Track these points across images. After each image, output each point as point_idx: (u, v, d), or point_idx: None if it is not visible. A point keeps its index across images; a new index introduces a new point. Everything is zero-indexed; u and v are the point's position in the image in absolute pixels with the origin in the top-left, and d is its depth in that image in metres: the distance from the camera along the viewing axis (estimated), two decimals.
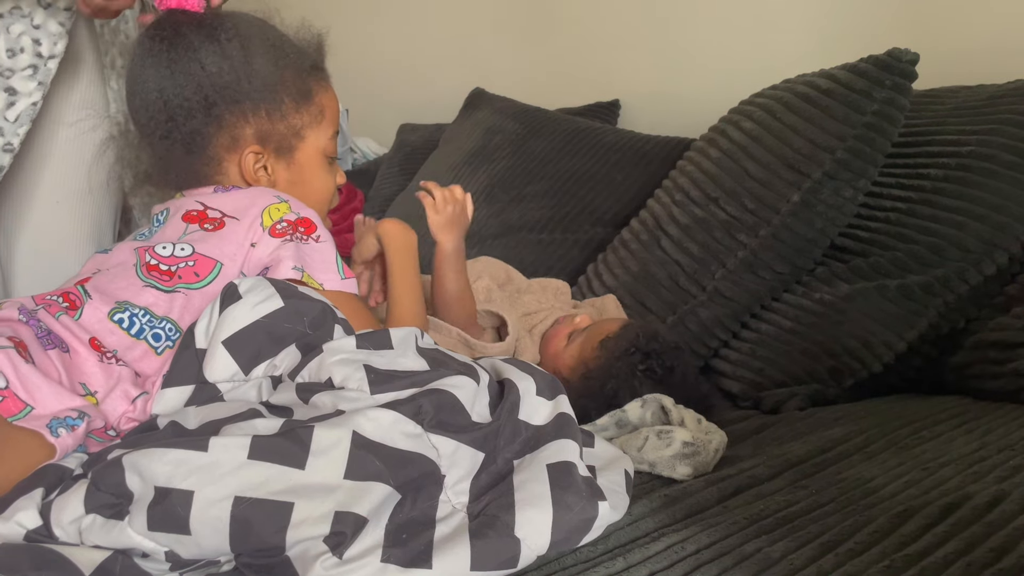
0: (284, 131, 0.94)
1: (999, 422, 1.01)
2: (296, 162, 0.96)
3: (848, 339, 1.24)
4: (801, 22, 1.71)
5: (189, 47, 0.90)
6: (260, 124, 0.93)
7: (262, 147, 0.94)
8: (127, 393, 0.79)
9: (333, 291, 0.88)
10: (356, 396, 0.70)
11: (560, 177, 1.72)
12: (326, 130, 0.98)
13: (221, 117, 0.92)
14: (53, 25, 1.03)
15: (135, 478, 0.64)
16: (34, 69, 1.03)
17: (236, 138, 0.93)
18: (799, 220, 1.30)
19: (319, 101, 0.97)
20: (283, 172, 0.96)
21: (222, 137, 0.93)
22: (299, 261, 0.87)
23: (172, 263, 0.85)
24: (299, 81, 0.95)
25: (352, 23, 2.50)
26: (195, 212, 0.89)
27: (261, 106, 0.93)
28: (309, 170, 0.97)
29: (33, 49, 1.03)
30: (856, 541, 0.69)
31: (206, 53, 0.90)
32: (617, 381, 1.09)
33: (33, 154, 1.13)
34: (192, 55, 0.90)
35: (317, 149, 0.97)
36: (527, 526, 0.66)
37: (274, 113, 0.93)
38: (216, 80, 0.91)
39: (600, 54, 2.03)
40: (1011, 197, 1.22)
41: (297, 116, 0.95)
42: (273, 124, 0.94)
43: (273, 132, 0.94)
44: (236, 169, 0.94)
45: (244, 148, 0.93)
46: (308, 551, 0.62)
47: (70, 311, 0.82)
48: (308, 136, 0.96)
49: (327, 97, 0.98)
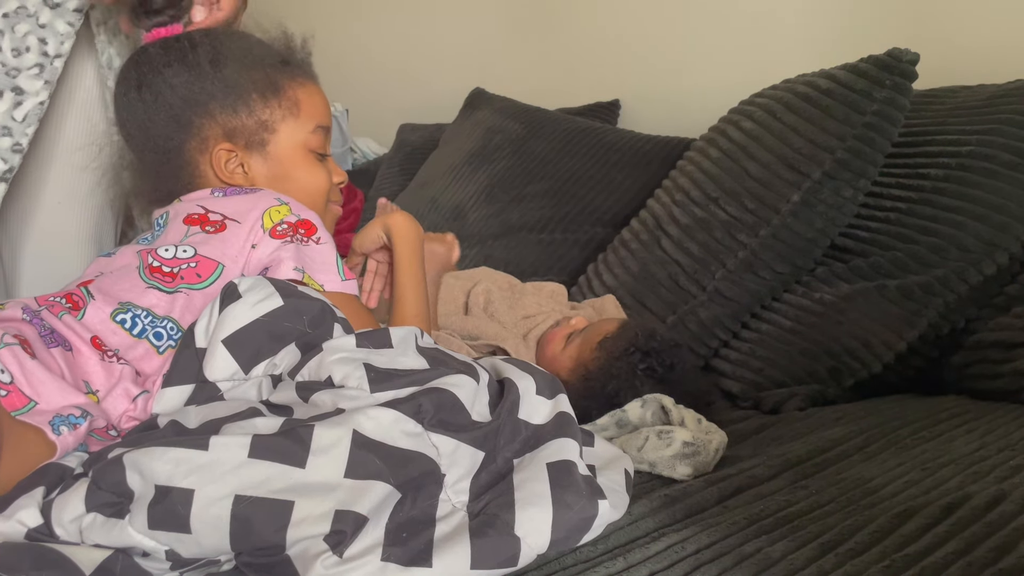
0: (252, 125, 0.94)
1: (999, 422, 1.01)
2: (273, 157, 0.96)
3: (848, 339, 1.24)
4: (801, 22, 1.71)
5: (156, 70, 0.93)
6: (227, 121, 0.94)
7: (232, 144, 0.94)
8: (128, 392, 0.79)
9: (333, 292, 0.88)
10: (356, 394, 0.70)
11: (560, 177, 1.72)
12: (304, 124, 0.97)
13: (190, 123, 0.93)
14: (61, 25, 1.04)
15: (136, 477, 0.64)
16: (40, 68, 1.03)
17: (205, 139, 0.94)
18: (799, 220, 1.30)
19: (292, 95, 0.96)
20: (260, 168, 0.96)
21: (192, 140, 0.94)
22: (299, 262, 0.87)
23: (174, 264, 0.85)
24: (265, 76, 0.95)
25: (352, 23, 2.50)
26: (196, 215, 0.89)
27: (227, 104, 0.93)
28: (290, 164, 0.96)
29: (39, 48, 1.03)
30: (856, 541, 0.69)
31: (172, 72, 0.93)
32: (618, 381, 1.09)
33: (38, 155, 1.14)
34: (160, 77, 0.93)
35: (295, 143, 0.96)
36: (527, 525, 0.66)
37: (240, 109, 0.94)
38: (184, 93, 0.92)
39: (600, 54, 2.03)
40: (1011, 197, 1.22)
41: (265, 110, 0.95)
42: (240, 119, 0.94)
43: (241, 127, 0.94)
44: (211, 170, 0.95)
45: (213, 146, 0.94)
46: (308, 550, 0.62)
47: (73, 311, 0.82)
48: (280, 129, 0.95)
49: (304, 92, 0.97)
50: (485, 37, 2.25)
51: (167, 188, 0.96)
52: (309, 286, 0.86)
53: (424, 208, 1.85)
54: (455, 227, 1.76)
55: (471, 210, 1.77)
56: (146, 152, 0.96)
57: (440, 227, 1.79)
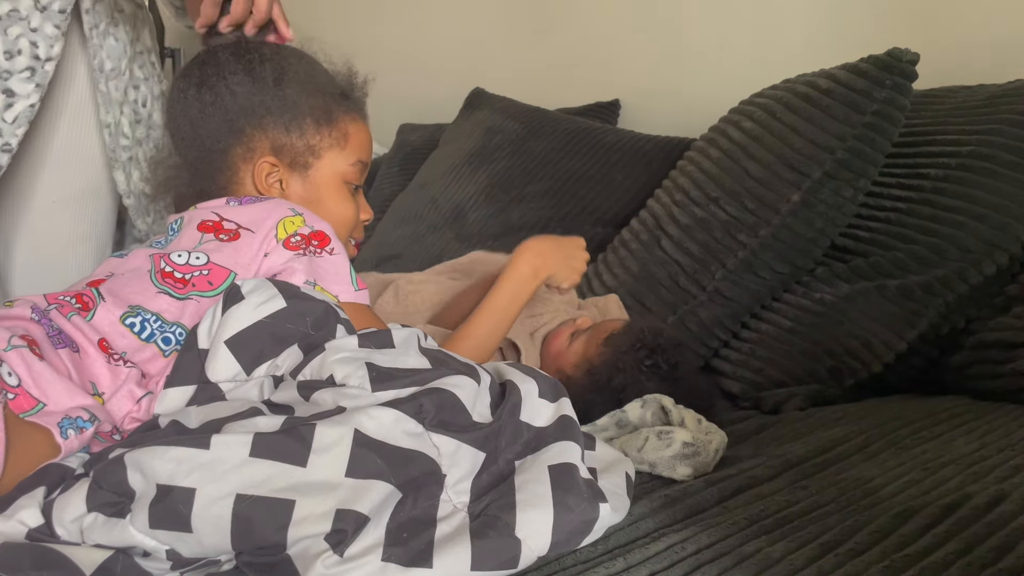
0: (301, 147, 0.96)
1: (999, 422, 1.01)
2: (311, 180, 0.98)
3: (848, 339, 1.24)
4: (801, 22, 1.71)
5: (220, 74, 0.95)
6: (277, 137, 0.96)
7: (277, 159, 0.96)
8: (132, 393, 0.79)
9: (347, 303, 0.89)
10: (357, 393, 0.70)
11: (560, 177, 1.72)
12: (348, 156, 0.99)
13: (242, 131, 0.95)
14: (49, 28, 1.05)
15: (137, 476, 0.64)
16: (31, 71, 1.04)
17: (252, 148, 0.96)
18: (799, 220, 1.30)
19: (343, 127, 0.99)
20: (298, 188, 0.97)
21: (239, 147, 0.96)
22: (312, 275, 0.88)
23: (186, 271, 0.86)
24: (323, 103, 0.97)
25: (352, 23, 2.50)
26: (210, 223, 0.90)
27: (280, 121, 0.95)
28: (325, 191, 0.98)
29: (31, 51, 1.04)
30: (856, 541, 0.69)
31: (236, 80, 0.95)
32: (624, 375, 1.09)
33: (30, 156, 1.14)
34: (223, 82, 0.95)
35: (335, 172, 0.99)
36: (528, 527, 0.66)
37: (293, 129, 0.96)
38: (243, 102, 0.95)
39: (600, 54, 2.03)
40: (1011, 197, 1.22)
41: (316, 136, 0.97)
42: (291, 138, 0.96)
43: (289, 146, 0.96)
44: (250, 179, 0.96)
45: (259, 157, 0.96)
46: (309, 549, 0.62)
47: (83, 312, 0.82)
48: (325, 156, 0.98)
49: (355, 127, 1.00)
50: (485, 37, 2.25)
51: (200, 185, 0.98)
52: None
53: (424, 208, 1.85)
54: (455, 227, 1.76)
55: (471, 210, 1.77)
56: (191, 148, 0.97)
57: (440, 227, 1.79)
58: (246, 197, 0.94)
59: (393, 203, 1.99)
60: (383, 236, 1.89)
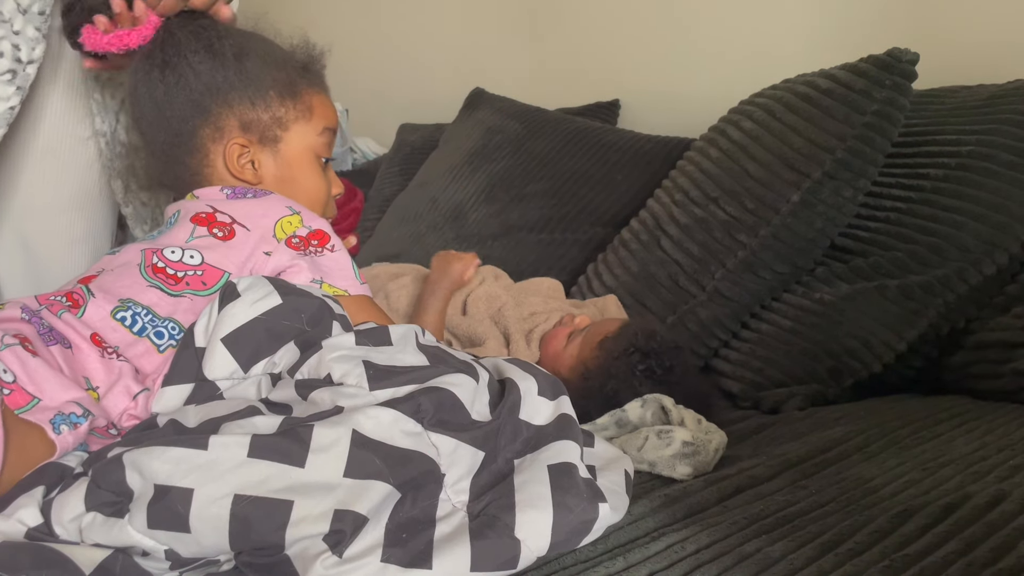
0: (267, 120, 0.96)
1: (999, 422, 1.01)
2: (283, 157, 0.97)
3: (848, 339, 1.24)
4: (801, 22, 1.71)
5: (181, 54, 0.94)
6: (244, 112, 0.95)
7: (246, 138, 0.95)
8: (129, 389, 0.79)
9: (355, 296, 0.89)
10: (355, 392, 0.70)
11: (560, 177, 1.72)
12: (315, 126, 0.99)
13: (208, 109, 0.95)
14: (30, 30, 1.04)
15: (135, 476, 0.64)
16: (12, 74, 1.03)
17: (220, 127, 0.95)
18: (799, 220, 1.30)
19: (307, 100, 0.99)
20: (271, 167, 0.97)
21: (207, 127, 0.95)
22: (317, 273, 0.88)
23: (180, 269, 0.86)
24: (286, 76, 0.97)
25: (352, 23, 2.50)
26: (204, 215, 0.90)
27: (245, 95, 0.95)
28: (298, 168, 0.98)
29: (13, 54, 1.03)
30: (856, 541, 0.69)
31: (197, 58, 0.94)
32: (616, 381, 1.09)
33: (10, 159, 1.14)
34: (184, 61, 0.94)
35: (306, 146, 0.98)
36: (527, 527, 0.66)
37: (258, 102, 0.95)
38: (207, 80, 0.94)
39: (600, 54, 2.03)
40: (1011, 197, 1.22)
41: (281, 107, 0.97)
42: (256, 112, 0.95)
43: (256, 120, 0.95)
44: (221, 161, 0.96)
45: (228, 138, 0.95)
46: (308, 550, 0.62)
47: (72, 309, 0.82)
48: (292, 128, 0.97)
49: (317, 99, 1.00)
50: (485, 37, 2.25)
51: (174, 172, 0.98)
52: (330, 294, 0.86)
53: (424, 208, 1.85)
54: (455, 227, 1.76)
55: (471, 210, 1.77)
56: (157, 132, 0.96)
57: (440, 227, 1.79)
58: (239, 188, 0.94)
59: (393, 203, 1.99)
60: (383, 236, 1.89)
